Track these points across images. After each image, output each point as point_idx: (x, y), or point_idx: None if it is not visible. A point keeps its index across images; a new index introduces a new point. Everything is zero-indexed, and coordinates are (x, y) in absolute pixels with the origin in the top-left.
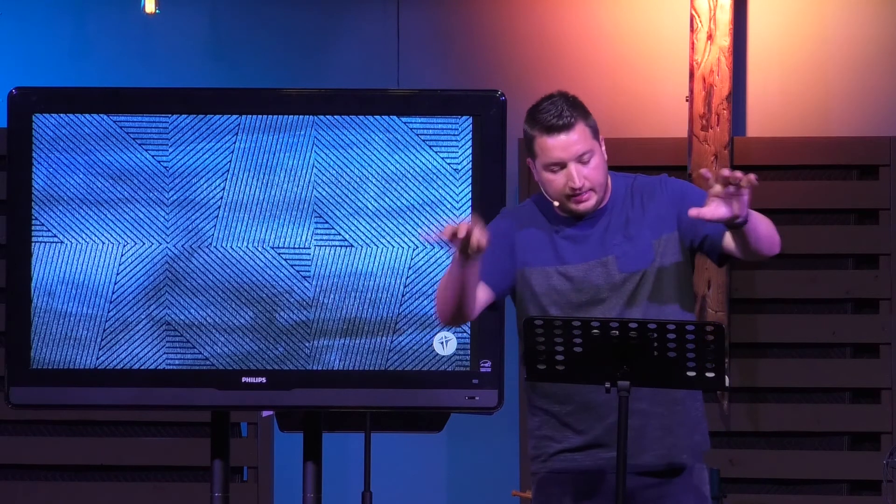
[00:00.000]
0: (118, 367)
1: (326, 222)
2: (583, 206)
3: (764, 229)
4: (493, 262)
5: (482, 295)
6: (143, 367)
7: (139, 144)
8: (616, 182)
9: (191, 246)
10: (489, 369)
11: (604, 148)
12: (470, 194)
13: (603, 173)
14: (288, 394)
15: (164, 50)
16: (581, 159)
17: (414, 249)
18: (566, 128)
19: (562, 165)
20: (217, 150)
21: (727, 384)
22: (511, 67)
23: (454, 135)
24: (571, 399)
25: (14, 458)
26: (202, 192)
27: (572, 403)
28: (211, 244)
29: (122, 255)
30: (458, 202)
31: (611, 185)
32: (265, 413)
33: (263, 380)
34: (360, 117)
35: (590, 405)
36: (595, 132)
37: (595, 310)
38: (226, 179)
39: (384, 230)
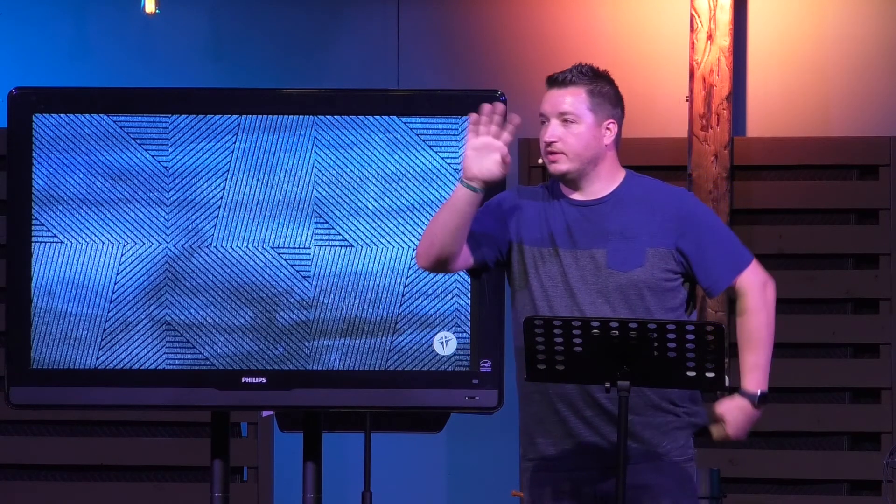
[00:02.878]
0: (118, 367)
1: (326, 222)
2: (552, 167)
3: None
4: (483, 227)
5: (465, 252)
6: (143, 367)
7: (139, 144)
8: (629, 180)
9: (191, 246)
10: (489, 369)
11: (609, 132)
12: None
13: (583, 144)
14: (288, 394)
15: (164, 50)
16: (563, 118)
17: (414, 249)
18: (561, 83)
19: (546, 118)
20: (217, 150)
21: (727, 384)
22: (511, 67)
23: (454, 135)
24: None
25: (14, 458)
26: (202, 192)
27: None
28: (211, 244)
29: (122, 255)
30: None
31: (623, 178)
32: (265, 413)
33: (263, 380)
34: (360, 117)
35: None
36: (597, 106)
37: (572, 299)
38: (226, 179)
39: (384, 230)
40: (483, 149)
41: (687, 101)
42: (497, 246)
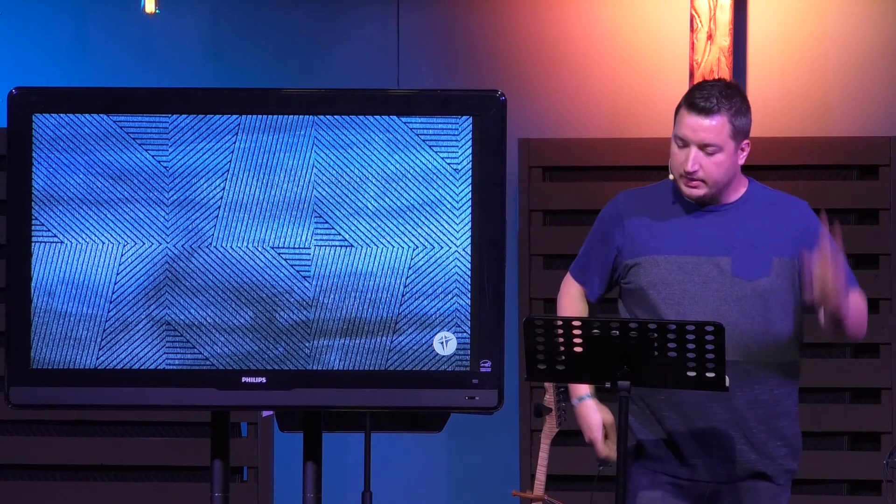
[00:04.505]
0: (118, 367)
1: (326, 222)
2: (689, 192)
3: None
4: (604, 255)
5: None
6: (143, 367)
7: (139, 144)
8: (753, 188)
9: (191, 246)
10: (489, 369)
11: (743, 152)
12: (470, 194)
13: (722, 172)
14: (288, 394)
15: (164, 50)
16: (705, 149)
17: (414, 249)
18: (705, 112)
19: (686, 143)
20: (217, 150)
21: (727, 384)
22: (511, 67)
23: (454, 135)
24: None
25: (14, 458)
26: (202, 192)
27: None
28: (211, 244)
29: (122, 255)
30: (458, 202)
31: (747, 188)
32: (265, 413)
33: (263, 380)
34: (360, 117)
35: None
36: (738, 132)
37: (694, 306)
38: (226, 179)
39: (384, 230)
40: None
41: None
42: (608, 278)
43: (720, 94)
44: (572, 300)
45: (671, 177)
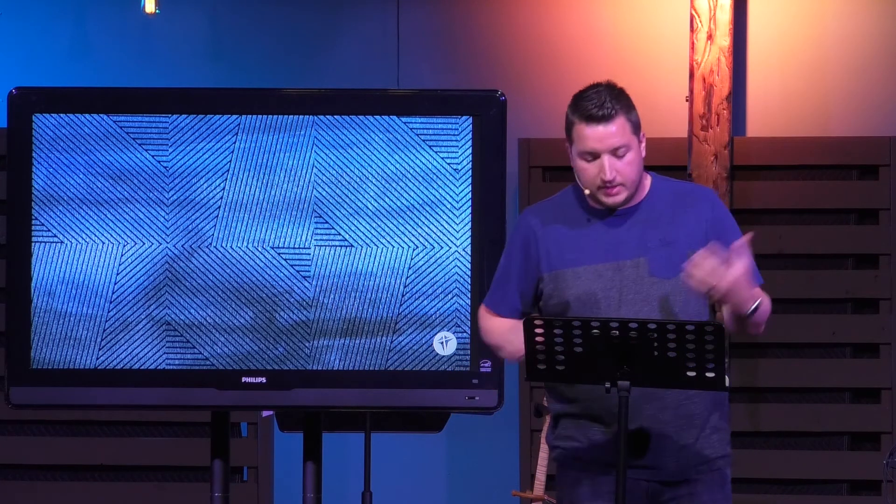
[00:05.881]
0: (118, 367)
1: (326, 222)
2: (611, 200)
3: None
4: (526, 271)
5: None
6: (143, 367)
7: (139, 144)
8: (657, 183)
9: (191, 246)
10: (489, 369)
11: (643, 144)
12: (470, 194)
13: (636, 170)
14: (288, 394)
15: (164, 50)
16: (616, 153)
17: (414, 249)
18: (605, 119)
19: (595, 156)
20: (217, 150)
21: (727, 384)
22: (511, 67)
23: (454, 135)
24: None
25: (14, 458)
26: (202, 192)
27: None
28: (211, 244)
29: (122, 255)
30: (458, 202)
31: (650, 183)
32: (265, 413)
33: (263, 380)
34: (360, 117)
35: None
36: (636, 127)
37: (618, 312)
38: (226, 179)
39: (384, 230)
40: None
41: (687, 101)
42: (533, 294)
43: (609, 96)
44: (498, 322)
45: (587, 192)
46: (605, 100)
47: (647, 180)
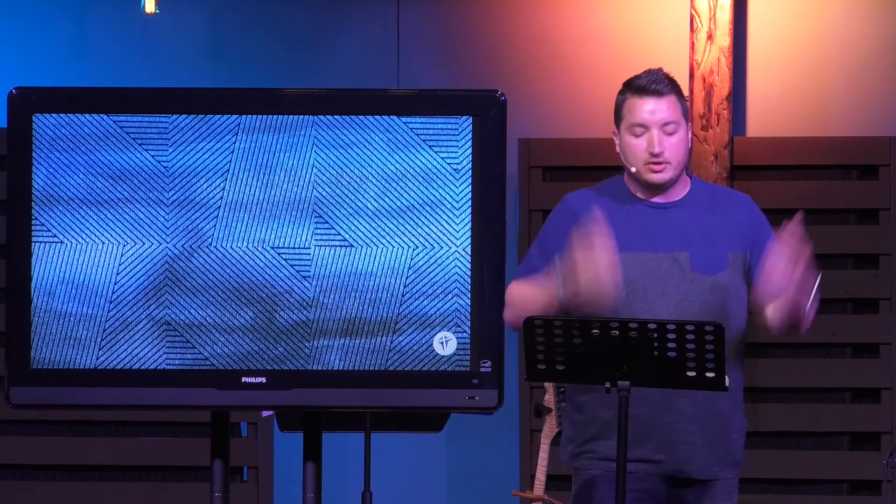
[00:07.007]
0: (118, 367)
1: (326, 222)
2: (657, 177)
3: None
4: (563, 252)
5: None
6: (143, 367)
7: (139, 144)
8: (697, 184)
9: (191, 246)
10: (489, 369)
11: (690, 135)
12: (470, 194)
13: (683, 151)
14: (288, 394)
15: (164, 50)
16: (665, 129)
17: (414, 249)
18: (658, 94)
19: (645, 128)
20: (217, 150)
21: (727, 384)
22: (511, 67)
23: (454, 135)
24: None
25: (14, 458)
26: (202, 192)
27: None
28: (211, 244)
29: (122, 255)
30: (458, 202)
31: (691, 184)
32: (265, 413)
33: (263, 380)
34: (360, 117)
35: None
36: (684, 112)
37: (657, 302)
38: (226, 179)
39: (384, 230)
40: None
41: (687, 101)
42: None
43: (664, 77)
44: (524, 284)
45: (633, 170)
46: (660, 78)
47: (687, 180)
